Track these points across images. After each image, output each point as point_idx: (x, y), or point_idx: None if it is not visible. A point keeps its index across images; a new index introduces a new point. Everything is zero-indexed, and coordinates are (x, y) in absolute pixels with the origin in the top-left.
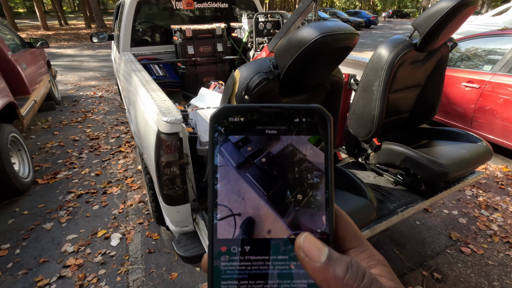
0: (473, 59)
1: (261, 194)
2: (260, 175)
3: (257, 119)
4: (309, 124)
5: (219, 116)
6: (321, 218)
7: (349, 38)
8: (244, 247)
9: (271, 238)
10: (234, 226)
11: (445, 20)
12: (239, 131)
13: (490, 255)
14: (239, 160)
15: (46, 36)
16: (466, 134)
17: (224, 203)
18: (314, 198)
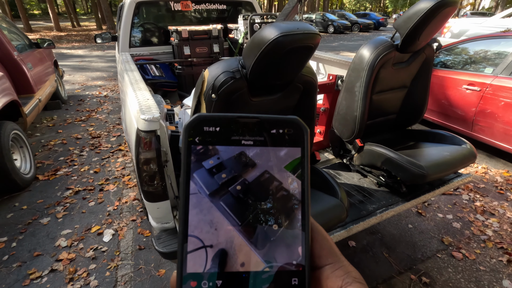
0: (474, 61)
1: (234, 224)
2: (234, 204)
3: (233, 129)
4: (286, 135)
5: (193, 125)
6: (297, 249)
7: (309, 38)
8: (215, 282)
9: (245, 271)
10: (206, 259)
11: (424, 21)
12: (214, 141)
13: (482, 261)
14: (212, 187)
15: (58, 37)
16: (451, 137)
17: (195, 234)
18: (290, 228)
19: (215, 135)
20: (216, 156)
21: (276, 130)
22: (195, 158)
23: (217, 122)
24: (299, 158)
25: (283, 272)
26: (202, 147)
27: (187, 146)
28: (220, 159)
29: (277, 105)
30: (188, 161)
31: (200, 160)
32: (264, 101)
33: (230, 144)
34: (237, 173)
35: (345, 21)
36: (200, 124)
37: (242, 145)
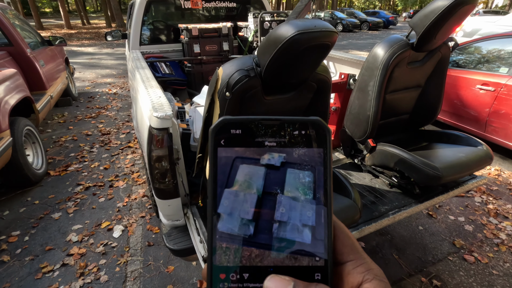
0: (488, 61)
1: (260, 222)
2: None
3: (257, 131)
4: (309, 136)
5: (218, 128)
6: (320, 246)
7: (326, 36)
8: (243, 275)
9: (271, 265)
10: (234, 253)
11: (442, 19)
12: (239, 143)
13: (495, 265)
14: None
15: (68, 35)
16: (467, 138)
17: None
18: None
19: (239, 137)
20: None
21: (298, 132)
22: (221, 159)
23: (241, 125)
24: (322, 158)
25: (308, 267)
26: (227, 148)
27: (213, 148)
28: (245, 160)
29: (290, 104)
30: (215, 162)
31: (226, 161)
32: (278, 100)
33: (254, 145)
34: (262, 174)
35: (354, 19)
36: (225, 127)
37: (265, 146)
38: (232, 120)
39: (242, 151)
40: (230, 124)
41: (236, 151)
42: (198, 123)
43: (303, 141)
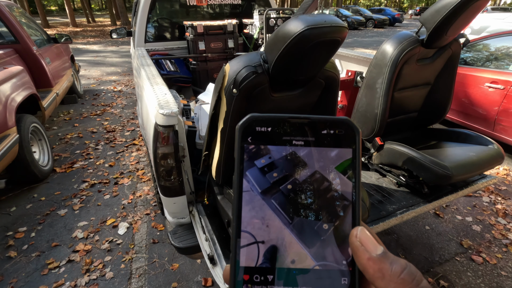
0: (497, 58)
1: (285, 222)
2: (285, 202)
3: (284, 130)
4: (337, 136)
5: (246, 125)
6: (347, 249)
7: (336, 31)
8: (266, 276)
9: (295, 268)
10: (258, 254)
11: (453, 15)
12: (266, 141)
13: (504, 266)
14: (264, 185)
15: (74, 33)
16: (477, 136)
17: (248, 230)
18: (340, 228)
19: (267, 135)
20: (268, 155)
21: (327, 131)
22: (248, 157)
23: (269, 123)
24: (350, 159)
25: (333, 271)
26: (254, 146)
27: (240, 146)
28: (272, 158)
29: (298, 101)
30: (241, 159)
31: (252, 159)
32: (285, 97)
33: (282, 144)
34: (288, 172)
35: (359, 16)
36: (252, 124)
37: (293, 145)
38: (260, 118)
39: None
40: (258, 122)
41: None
42: (203, 120)
43: (331, 140)
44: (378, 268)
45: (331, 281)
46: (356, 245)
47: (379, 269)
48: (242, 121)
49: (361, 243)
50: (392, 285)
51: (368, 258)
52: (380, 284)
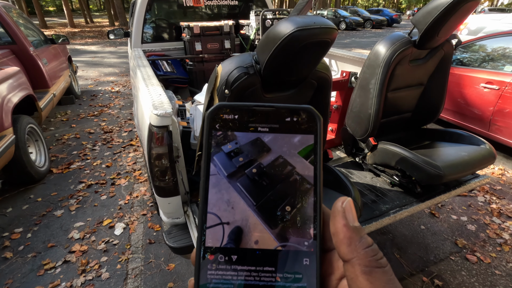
0: (492, 59)
1: (250, 204)
2: (250, 185)
3: (250, 117)
4: (300, 123)
5: (214, 113)
6: (309, 231)
7: (326, 32)
8: (231, 256)
9: (258, 248)
10: (223, 235)
11: (444, 16)
12: (233, 128)
13: (498, 265)
14: (230, 169)
15: (72, 33)
16: (469, 136)
17: (214, 211)
18: (302, 210)
19: (233, 122)
20: (234, 141)
21: (290, 118)
22: (215, 142)
23: (235, 110)
24: (312, 144)
25: (295, 251)
26: (221, 132)
27: (208, 132)
28: (238, 144)
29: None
30: (209, 145)
31: (219, 145)
32: (277, 97)
33: (247, 130)
34: (253, 157)
35: (357, 17)
36: (220, 112)
37: (258, 131)
38: (227, 106)
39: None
40: (226, 110)
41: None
42: (198, 121)
43: (294, 127)
44: (349, 236)
45: (293, 261)
46: (338, 210)
47: (349, 237)
48: (211, 109)
49: (343, 210)
50: (355, 254)
51: (344, 224)
52: (344, 250)
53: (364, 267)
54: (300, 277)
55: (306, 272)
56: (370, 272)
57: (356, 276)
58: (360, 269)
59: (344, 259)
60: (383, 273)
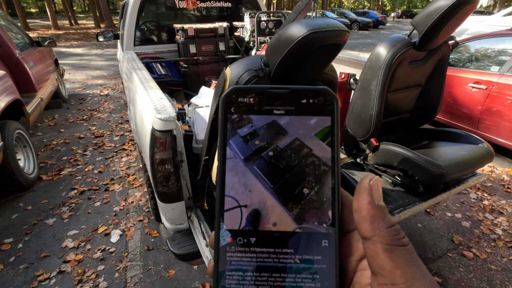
0: (480, 60)
1: (267, 187)
2: (267, 168)
3: (266, 100)
4: (316, 105)
5: (229, 96)
6: (327, 213)
7: (338, 35)
8: (249, 239)
9: (277, 230)
10: (241, 217)
11: (444, 18)
12: (248, 111)
13: (494, 260)
14: (246, 152)
15: (56, 36)
16: (467, 135)
17: (231, 194)
18: (320, 192)
19: (249, 105)
20: (250, 124)
21: (306, 100)
22: (231, 126)
23: (250, 93)
24: (329, 126)
25: (314, 233)
26: (237, 116)
27: (224, 115)
28: (254, 127)
29: None
30: (225, 128)
31: (235, 128)
32: None
33: (263, 113)
34: (270, 140)
35: (344, 19)
36: (235, 95)
37: (274, 114)
38: (242, 89)
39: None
40: (241, 93)
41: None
42: (199, 124)
43: (311, 109)
44: (373, 214)
45: (312, 243)
46: (364, 187)
47: (373, 215)
48: (225, 92)
49: (370, 187)
50: (377, 232)
51: (369, 202)
52: (366, 227)
53: (386, 245)
54: (319, 258)
55: (325, 254)
56: (392, 250)
57: (377, 253)
58: (382, 247)
59: (365, 236)
60: (405, 251)
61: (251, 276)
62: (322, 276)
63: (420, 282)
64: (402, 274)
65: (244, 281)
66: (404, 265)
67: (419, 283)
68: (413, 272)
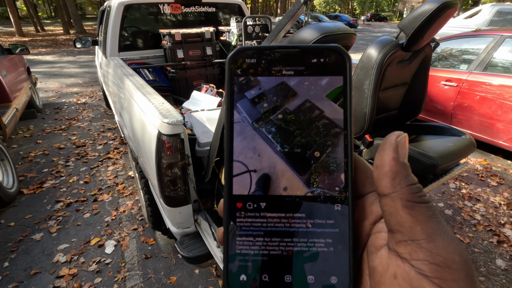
0: (450, 59)
1: (277, 151)
2: (276, 131)
3: (274, 60)
4: (327, 64)
5: (235, 57)
6: (340, 176)
7: (348, 37)
8: (259, 204)
9: (288, 195)
10: (250, 182)
11: (429, 21)
12: (256, 73)
13: (476, 243)
14: (255, 116)
15: (22, 43)
16: (450, 128)
17: (240, 159)
18: (332, 155)
19: (256, 66)
20: (258, 86)
21: (317, 59)
22: (238, 88)
23: (258, 54)
24: (341, 86)
25: (326, 197)
26: (244, 78)
27: (230, 77)
28: (262, 89)
29: None
30: (232, 91)
31: (242, 91)
32: None
33: (271, 74)
34: (279, 102)
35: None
36: (241, 56)
37: (283, 75)
38: (249, 49)
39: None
40: (247, 53)
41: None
42: (198, 128)
43: (321, 68)
44: (396, 170)
45: (324, 207)
46: (391, 142)
47: (395, 171)
48: (231, 53)
49: (397, 144)
50: (398, 188)
51: (393, 158)
52: (386, 183)
53: (406, 202)
54: (332, 222)
55: (338, 218)
56: (412, 206)
57: (396, 210)
58: (402, 203)
59: (384, 193)
60: (426, 207)
61: (262, 241)
62: (335, 240)
63: (442, 237)
64: (422, 230)
65: (255, 246)
66: (425, 221)
67: (441, 238)
68: (434, 228)
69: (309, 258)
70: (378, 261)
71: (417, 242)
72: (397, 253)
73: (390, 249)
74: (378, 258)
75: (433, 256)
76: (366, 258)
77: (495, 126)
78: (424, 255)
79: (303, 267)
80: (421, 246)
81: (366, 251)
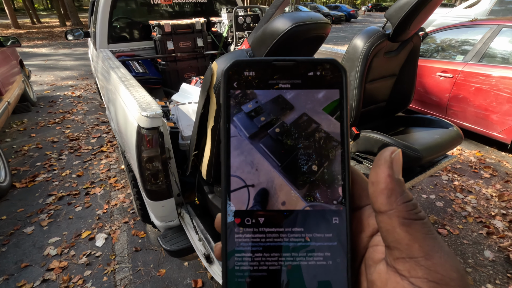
0: (446, 50)
1: (274, 165)
2: (274, 145)
3: (270, 73)
4: (324, 77)
5: (231, 70)
6: (337, 190)
7: (322, 27)
8: (258, 219)
9: (286, 209)
10: (248, 197)
11: (415, 11)
12: (252, 86)
13: (465, 235)
14: (252, 130)
15: (17, 35)
16: (438, 120)
17: (237, 174)
18: (330, 169)
19: (252, 79)
20: (254, 100)
21: (313, 72)
22: (234, 102)
23: (254, 67)
24: (338, 99)
25: (324, 211)
26: (240, 91)
27: (226, 91)
28: (258, 102)
29: None
30: (228, 105)
31: (239, 104)
32: None
33: (268, 87)
34: (276, 116)
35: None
36: (237, 69)
37: (279, 88)
38: (245, 62)
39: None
40: (243, 66)
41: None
42: (183, 121)
43: (318, 82)
44: (391, 187)
45: (322, 221)
46: (385, 159)
47: (391, 188)
48: (227, 66)
49: (391, 160)
50: (394, 206)
51: (388, 175)
52: (382, 201)
53: (403, 219)
54: (330, 236)
55: (336, 231)
56: (409, 224)
57: (393, 228)
58: (399, 221)
59: (380, 210)
60: (422, 224)
61: (261, 256)
62: (333, 253)
63: (438, 254)
64: (420, 247)
65: (254, 262)
66: (422, 239)
67: (438, 255)
68: (431, 245)
69: (308, 272)
70: (376, 276)
71: (415, 260)
72: (395, 269)
73: (388, 264)
74: (376, 273)
75: (432, 274)
76: (364, 270)
77: (490, 117)
78: (422, 272)
79: (303, 281)
80: (419, 264)
81: (364, 263)
